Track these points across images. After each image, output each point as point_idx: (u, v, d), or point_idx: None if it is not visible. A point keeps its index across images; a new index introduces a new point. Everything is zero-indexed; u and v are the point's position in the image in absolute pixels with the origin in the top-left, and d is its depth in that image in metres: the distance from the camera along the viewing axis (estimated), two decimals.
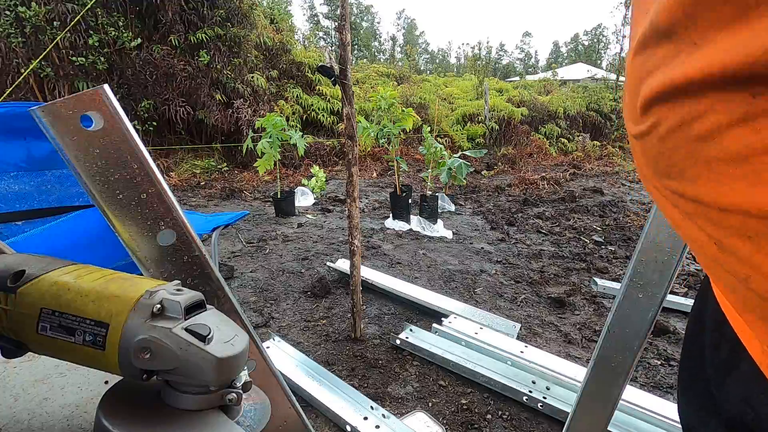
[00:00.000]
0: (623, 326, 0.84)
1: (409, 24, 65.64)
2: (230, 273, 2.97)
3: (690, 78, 0.19)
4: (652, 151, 0.24)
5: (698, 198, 0.21)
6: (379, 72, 11.97)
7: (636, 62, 0.23)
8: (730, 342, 0.33)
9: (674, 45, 0.20)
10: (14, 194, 0.90)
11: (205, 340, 0.33)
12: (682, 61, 0.19)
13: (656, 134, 0.22)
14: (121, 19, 6.31)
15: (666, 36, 0.20)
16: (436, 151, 4.65)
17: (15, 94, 5.79)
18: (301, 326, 2.30)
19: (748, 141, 0.18)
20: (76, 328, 0.34)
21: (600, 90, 12.16)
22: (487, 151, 7.33)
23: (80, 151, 0.43)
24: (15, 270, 0.36)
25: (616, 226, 4.19)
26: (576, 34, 62.15)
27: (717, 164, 0.19)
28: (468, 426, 1.58)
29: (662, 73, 0.21)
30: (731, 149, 0.19)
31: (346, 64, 1.79)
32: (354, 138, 1.90)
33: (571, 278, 2.98)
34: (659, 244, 0.76)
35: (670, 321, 2.36)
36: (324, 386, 1.69)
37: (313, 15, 50.62)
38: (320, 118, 8.06)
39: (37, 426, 0.48)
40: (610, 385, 0.89)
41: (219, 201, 5.42)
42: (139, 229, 0.48)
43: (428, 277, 2.99)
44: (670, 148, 0.22)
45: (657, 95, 0.21)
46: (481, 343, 1.96)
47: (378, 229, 4.15)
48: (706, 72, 0.18)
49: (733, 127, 0.18)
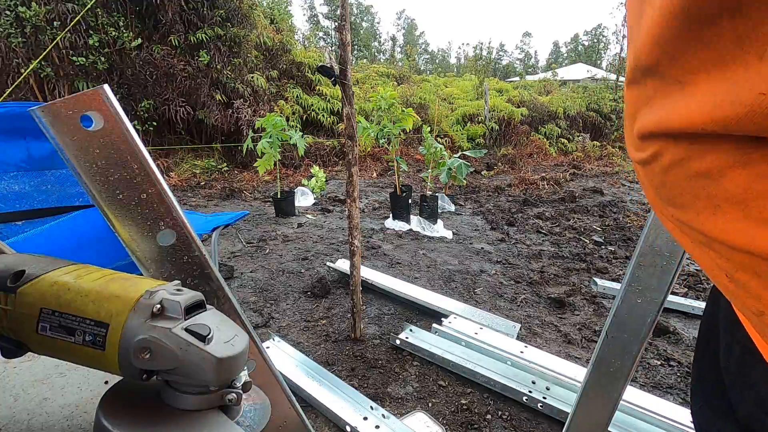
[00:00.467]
0: (622, 330, 0.83)
1: (409, 24, 65.66)
2: (230, 273, 2.97)
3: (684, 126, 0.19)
4: (655, 180, 0.23)
5: (704, 231, 0.21)
6: (379, 72, 11.97)
7: (630, 92, 0.23)
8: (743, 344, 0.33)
9: (660, 81, 0.20)
10: (14, 194, 0.90)
11: (205, 340, 0.33)
12: (674, 103, 0.19)
13: (658, 164, 0.22)
14: (121, 19, 6.31)
15: (651, 73, 0.20)
16: (436, 151, 4.65)
17: (15, 94, 5.79)
18: (301, 326, 2.30)
19: (748, 184, 0.18)
20: (76, 328, 0.34)
21: (600, 90, 12.17)
22: (487, 151, 7.33)
23: (80, 151, 0.43)
24: (15, 270, 0.36)
25: (616, 227, 4.19)
26: (576, 35, 62.17)
27: (719, 202, 0.19)
28: (468, 426, 1.58)
29: (657, 109, 0.21)
30: (732, 191, 0.18)
31: (346, 64, 1.79)
32: (354, 138, 1.90)
33: (571, 278, 2.98)
34: (658, 249, 0.76)
35: (670, 321, 2.36)
36: (324, 386, 1.69)
37: (313, 15, 50.63)
38: (320, 118, 8.06)
39: (37, 426, 0.48)
40: (610, 388, 0.89)
41: (219, 201, 5.42)
42: (139, 229, 0.48)
43: (428, 277, 2.99)
44: (672, 181, 0.22)
45: (654, 131, 0.21)
46: (481, 344, 1.96)
47: (378, 229, 4.15)
48: (698, 123, 0.18)
49: (733, 168, 0.18)
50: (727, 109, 0.16)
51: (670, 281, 0.76)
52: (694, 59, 0.17)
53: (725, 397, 0.36)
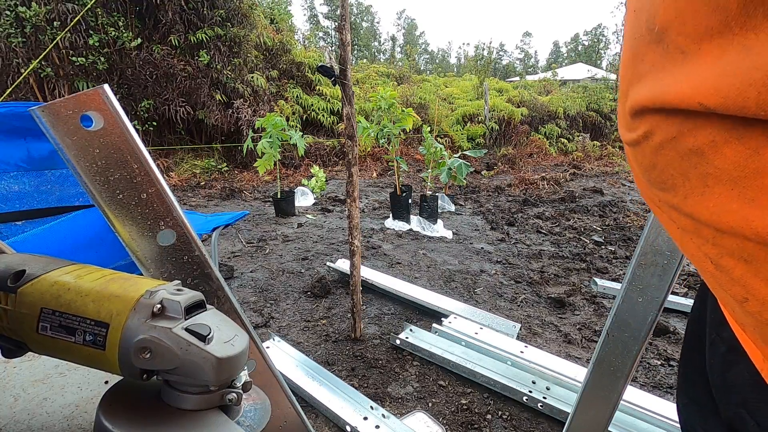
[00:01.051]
0: (622, 330, 0.83)
1: (409, 24, 65.64)
2: (230, 273, 2.97)
3: (682, 100, 0.18)
4: (645, 161, 0.23)
5: (693, 215, 0.20)
6: (379, 72, 11.96)
7: (624, 70, 0.23)
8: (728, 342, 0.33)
9: (662, 50, 0.19)
10: (14, 194, 0.90)
11: (205, 340, 0.33)
12: (672, 75, 0.18)
13: (649, 144, 0.21)
14: (121, 19, 6.31)
15: (656, 39, 0.19)
16: (436, 151, 4.65)
17: (15, 94, 5.79)
18: (301, 326, 2.30)
19: (744, 161, 0.17)
20: (77, 328, 0.34)
21: (600, 90, 12.16)
22: (487, 151, 7.33)
23: (80, 151, 0.43)
24: (15, 270, 0.36)
25: (616, 226, 4.19)
26: (576, 34, 62.15)
27: (711, 181, 0.19)
28: (468, 426, 1.58)
29: (652, 82, 0.20)
30: (725, 168, 0.18)
31: (346, 64, 1.79)
32: (354, 138, 1.90)
33: (571, 278, 2.98)
34: (659, 248, 0.76)
35: (670, 321, 2.36)
36: (324, 386, 1.69)
37: (313, 15, 50.62)
38: (320, 118, 8.06)
39: (37, 426, 0.48)
40: (610, 388, 0.89)
41: (219, 201, 5.42)
42: (139, 229, 0.48)
43: (428, 277, 2.99)
44: (664, 161, 0.21)
45: (648, 105, 0.20)
46: (481, 343, 1.95)
47: (378, 229, 4.15)
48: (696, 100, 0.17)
49: (728, 143, 0.17)
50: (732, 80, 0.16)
51: (671, 281, 0.76)
52: (702, 25, 0.17)
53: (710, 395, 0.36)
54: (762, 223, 0.17)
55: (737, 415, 0.31)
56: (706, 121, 0.18)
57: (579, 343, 2.17)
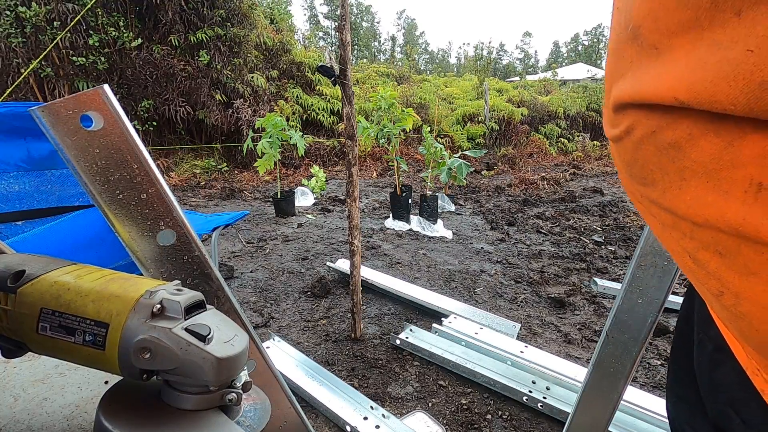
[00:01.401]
0: (622, 331, 0.83)
1: (409, 24, 65.64)
2: (230, 273, 2.97)
3: (658, 95, 0.18)
4: (627, 156, 0.23)
5: (671, 209, 0.21)
6: (379, 72, 11.97)
7: (608, 66, 0.23)
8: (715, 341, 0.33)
9: (638, 47, 0.19)
10: (14, 194, 0.90)
11: (205, 340, 0.33)
12: (648, 72, 0.19)
13: (630, 139, 0.22)
14: (121, 19, 6.31)
15: (632, 36, 0.20)
16: (436, 151, 4.65)
17: (15, 94, 5.79)
18: (301, 326, 2.30)
19: (719, 153, 0.17)
20: (76, 328, 0.34)
21: (600, 90, 12.16)
22: (487, 151, 7.33)
23: (80, 151, 0.43)
24: (15, 270, 0.36)
25: (616, 226, 4.19)
26: (576, 34, 62.18)
27: (688, 174, 0.19)
28: (468, 426, 1.58)
29: (632, 79, 0.20)
30: (702, 160, 0.18)
31: (346, 64, 1.79)
32: (354, 138, 1.90)
33: (571, 278, 2.98)
34: (659, 249, 0.75)
35: (670, 321, 2.36)
36: (324, 386, 1.69)
37: (313, 15, 50.61)
38: (320, 118, 8.07)
39: (37, 426, 0.48)
40: (610, 388, 0.89)
41: (219, 201, 5.42)
42: (139, 229, 0.48)
43: (428, 277, 2.99)
44: (644, 155, 0.21)
45: (629, 101, 0.21)
46: (481, 343, 1.95)
47: (378, 229, 4.15)
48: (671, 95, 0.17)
49: (705, 136, 0.17)
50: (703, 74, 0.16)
51: (671, 282, 0.76)
52: (673, 21, 0.17)
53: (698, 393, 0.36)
54: (735, 215, 0.17)
55: (724, 414, 0.31)
56: (684, 116, 0.18)
57: (579, 343, 2.17)
